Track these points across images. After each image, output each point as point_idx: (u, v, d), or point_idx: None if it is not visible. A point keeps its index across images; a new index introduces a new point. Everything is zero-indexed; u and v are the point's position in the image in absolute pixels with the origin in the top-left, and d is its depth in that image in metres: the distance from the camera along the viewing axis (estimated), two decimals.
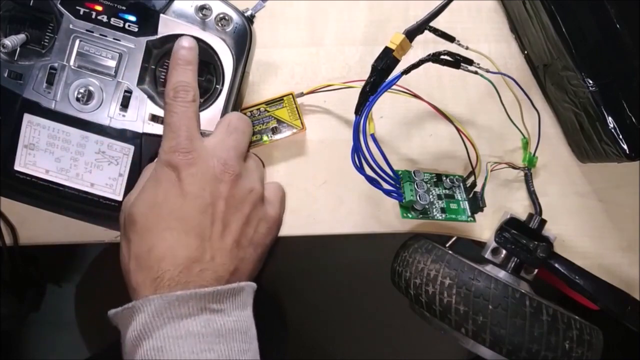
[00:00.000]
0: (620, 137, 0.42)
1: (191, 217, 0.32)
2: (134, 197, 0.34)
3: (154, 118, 0.38)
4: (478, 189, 0.45)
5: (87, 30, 0.37)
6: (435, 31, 0.41)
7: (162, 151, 0.34)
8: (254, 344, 0.32)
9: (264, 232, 0.35)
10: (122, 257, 0.34)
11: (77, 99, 0.38)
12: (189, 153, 0.33)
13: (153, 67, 0.39)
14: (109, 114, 0.38)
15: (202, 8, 0.38)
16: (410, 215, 0.43)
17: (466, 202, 0.45)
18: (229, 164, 0.34)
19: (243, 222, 0.33)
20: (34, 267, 0.79)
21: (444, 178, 0.46)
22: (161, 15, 0.38)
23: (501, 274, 0.43)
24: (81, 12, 0.37)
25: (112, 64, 0.38)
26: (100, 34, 0.38)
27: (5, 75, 0.37)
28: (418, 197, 0.42)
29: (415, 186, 0.43)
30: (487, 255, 0.45)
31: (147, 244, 0.31)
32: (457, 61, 0.40)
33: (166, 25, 0.38)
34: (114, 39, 0.38)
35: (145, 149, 0.38)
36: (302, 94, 0.45)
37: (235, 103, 0.40)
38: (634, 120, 0.42)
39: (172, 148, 0.33)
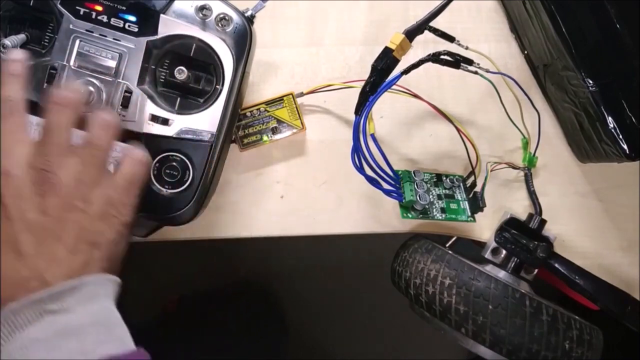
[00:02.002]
0: (620, 137, 0.42)
1: (17, 239, 0.31)
2: None
3: (154, 118, 0.38)
4: (478, 189, 0.45)
5: (87, 31, 0.37)
6: (435, 31, 0.41)
7: None
8: (115, 333, 0.31)
9: (104, 229, 0.34)
10: None
11: None
12: (3, 174, 0.32)
13: (153, 67, 0.39)
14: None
15: (202, 8, 0.38)
16: (410, 215, 0.43)
17: (466, 202, 0.45)
18: (45, 176, 0.33)
19: (74, 230, 0.32)
20: None
21: (444, 178, 0.46)
22: (161, 15, 0.38)
23: (501, 274, 0.43)
24: (81, 12, 0.37)
25: (112, 64, 0.38)
26: (100, 34, 0.37)
27: None
28: (418, 197, 0.42)
29: (415, 186, 0.43)
30: (487, 255, 0.45)
31: None
32: (457, 61, 0.40)
33: (166, 26, 0.38)
34: (114, 39, 0.38)
35: (145, 149, 0.38)
36: (302, 94, 0.45)
37: (236, 103, 0.40)
38: (634, 120, 0.42)
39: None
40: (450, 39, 0.42)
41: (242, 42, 0.39)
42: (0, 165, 0.32)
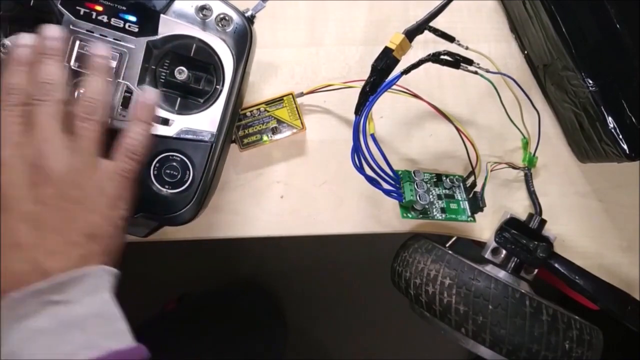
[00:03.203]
0: (620, 137, 0.42)
1: (14, 230, 0.31)
2: None
3: (155, 118, 0.38)
4: (478, 189, 0.45)
5: (87, 31, 0.37)
6: (435, 31, 0.41)
7: None
8: (118, 325, 0.31)
9: (100, 222, 0.33)
10: None
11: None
12: None
13: (153, 67, 0.39)
14: (110, 114, 0.38)
15: (202, 8, 0.38)
16: (410, 215, 0.43)
17: (466, 202, 0.45)
18: (39, 165, 0.32)
19: (70, 221, 0.32)
20: None
21: (444, 178, 0.46)
22: (161, 15, 0.38)
23: (501, 274, 0.43)
24: (81, 13, 0.37)
25: (113, 64, 0.38)
26: (101, 34, 0.37)
27: None
28: (418, 197, 0.42)
29: (415, 186, 0.43)
30: (487, 255, 0.45)
31: None
32: (457, 61, 0.40)
33: (166, 26, 0.38)
34: (114, 39, 0.38)
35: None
36: (302, 94, 0.45)
37: (236, 103, 0.40)
38: (634, 120, 0.42)
39: None
40: (450, 39, 0.42)
41: (243, 42, 0.39)
42: None
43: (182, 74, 0.38)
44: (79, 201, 0.32)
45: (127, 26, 0.38)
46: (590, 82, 0.43)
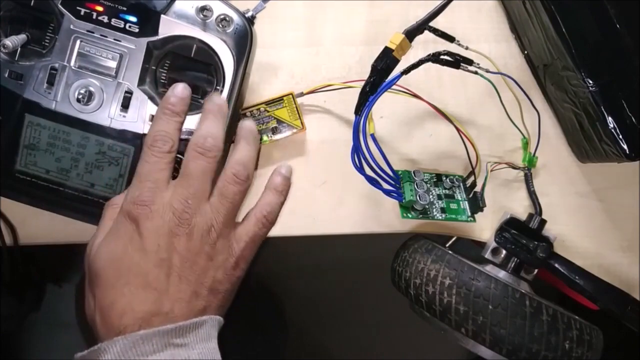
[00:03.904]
0: (620, 137, 0.42)
1: (148, 272, 0.33)
2: (97, 242, 0.35)
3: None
4: (478, 189, 0.45)
5: (87, 31, 0.37)
6: (435, 31, 0.41)
7: (125, 199, 0.35)
8: None
9: (223, 279, 0.35)
10: (87, 307, 0.35)
11: (78, 100, 0.38)
12: (148, 207, 0.33)
13: (154, 67, 0.39)
14: (110, 115, 0.38)
15: (202, 9, 0.38)
16: (410, 215, 0.43)
17: (466, 202, 0.45)
18: (184, 218, 0.34)
19: (199, 274, 0.34)
20: (34, 267, 0.79)
21: (444, 178, 0.46)
22: (162, 16, 0.38)
23: (501, 274, 0.43)
24: (82, 13, 0.37)
25: (113, 64, 0.38)
26: (101, 35, 0.38)
27: (6, 75, 0.37)
28: (418, 197, 0.42)
29: (415, 186, 0.43)
30: (487, 255, 0.45)
31: (109, 298, 0.32)
32: (457, 61, 0.40)
33: (167, 26, 0.38)
34: (114, 39, 0.38)
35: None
36: (302, 94, 0.45)
37: (236, 104, 0.40)
38: (634, 120, 0.42)
39: (134, 199, 0.34)
40: (450, 39, 0.42)
41: (243, 43, 0.39)
42: (145, 197, 0.33)
43: (182, 74, 0.38)
44: (210, 258, 0.34)
45: (127, 27, 0.38)
46: (590, 82, 0.43)
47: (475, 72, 0.42)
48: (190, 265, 0.34)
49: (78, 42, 0.37)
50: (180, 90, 0.37)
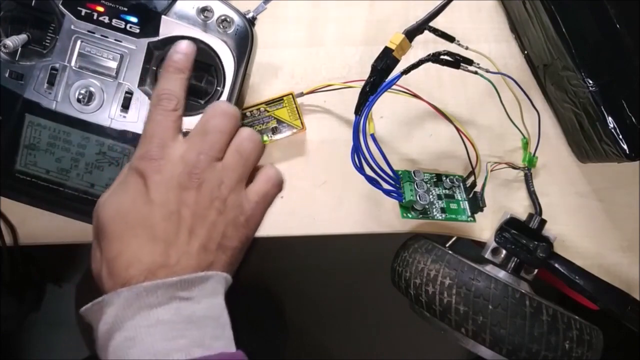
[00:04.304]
0: (620, 137, 0.42)
1: (156, 224, 0.32)
2: (104, 197, 0.34)
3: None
4: (478, 189, 0.45)
5: (88, 31, 0.37)
6: (435, 31, 0.41)
7: (134, 156, 0.34)
8: (227, 331, 0.32)
9: (233, 236, 0.35)
10: (93, 260, 0.34)
11: (78, 100, 0.38)
12: (157, 160, 0.33)
13: (154, 68, 0.39)
14: (110, 115, 0.38)
15: (203, 10, 0.38)
16: (410, 215, 0.43)
17: (466, 202, 0.45)
18: (195, 172, 0.33)
19: (208, 229, 0.33)
20: (34, 267, 0.80)
21: (444, 178, 0.46)
22: (162, 16, 0.38)
23: (501, 274, 0.43)
24: (83, 13, 0.37)
25: (113, 65, 0.38)
26: (102, 35, 0.38)
27: (7, 75, 0.37)
28: (418, 197, 0.42)
29: (415, 186, 0.43)
30: (487, 255, 0.45)
31: (115, 250, 0.32)
32: (457, 61, 0.41)
33: (167, 27, 0.38)
34: (115, 40, 0.38)
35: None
36: (302, 94, 0.45)
37: (236, 104, 0.40)
38: (634, 120, 0.42)
39: (142, 155, 0.34)
40: (450, 39, 0.42)
41: (244, 44, 0.39)
42: (153, 153, 0.33)
43: None
44: (220, 212, 0.34)
45: (128, 27, 0.38)
46: (590, 82, 0.43)
47: (475, 72, 0.42)
48: (200, 219, 0.33)
49: (79, 42, 0.37)
50: (184, 47, 0.36)
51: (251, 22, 0.39)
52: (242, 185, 0.36)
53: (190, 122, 0.38)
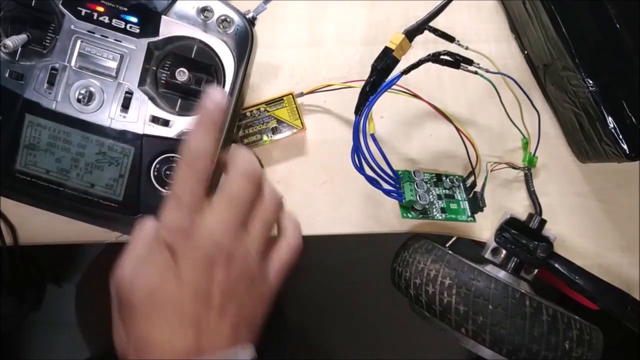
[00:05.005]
0: (620, 137, 0.42)
1: (186, 305, 0.31)
2: (128, 269, 0.33)
3: (155, 119, 0.38)
4: (478, 189, 0.45)
5: (88, 31, 0.37)
6: (435, 31, 0.41)
7: (162, 223, 0.33)
8: None
9: (258, 308, 0.35)
10: (116, 335, 0.33)
11: (78, 100, 0.38)
12: (187, 236, 0.32)
13: (154, 68, 0.39)
14: (110, 115, 0.38)
15: (203, 10, 0.38)
16: (410, 215, 0.43)
17: (466, 202, 0.45)
18: (222, 247, 0.32)
19: (237, 306, 0.33)
20: (34, 267, 0.79)
21: (444, 178, 0.46)
22: (163, 16, 0.38)
23: (501, 274, 0.43)
24: (83, 13, 0.37)
25: (113, 65, 0.38)
26: (102, 35, 0.38)
27: (7, 75, 0.37)
28: (418, 197, 0.42)
29: (415, 186, 0.43)
30: (487, 255, 0.45)
31: (144, 330, 0.31)
32: (457, 61, 0.41)
33: (168, 27, 0.38)
34: (115, 40, 0.38)
35: (145, 150, 0.38)
36: (302, 94, 0.45)
37: (236, 105, 0.40)
38: (634, 120, 0.42)
39: (171, 225, 0.32)
40: (450, 39, 0.42)
41: (244, 44, 0.39)
42: (182, 223, 0.32)
43: (182, 75, 0.38)
44: (247, 287, 0.33)
45: (128, 27, 0.38)
46: (590, 82, 0.43)
47: (475, 72, 0.42)
48: (229, 296, 0.32)
49: (79, 42, 0.37)
50: (217, 98, 0.33)
51: (251, 22, 0.39)
52: (267, 254, 0.35)
53: (190, 122, 0.39)
